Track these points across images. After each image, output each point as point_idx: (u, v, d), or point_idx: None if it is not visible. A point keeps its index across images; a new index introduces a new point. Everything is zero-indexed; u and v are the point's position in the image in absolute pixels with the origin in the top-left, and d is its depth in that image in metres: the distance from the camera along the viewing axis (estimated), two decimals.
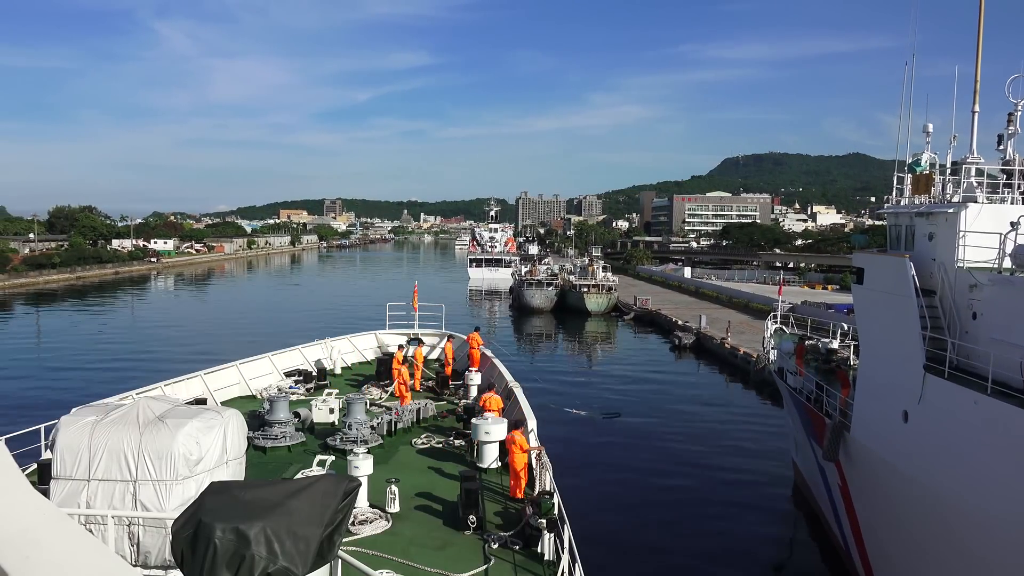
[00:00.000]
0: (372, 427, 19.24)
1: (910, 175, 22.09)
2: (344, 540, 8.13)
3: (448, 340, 28.68)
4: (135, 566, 10.94)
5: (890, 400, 18.81)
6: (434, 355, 30.07)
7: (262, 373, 25.17)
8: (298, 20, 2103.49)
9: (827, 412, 23.35)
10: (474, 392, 23.66)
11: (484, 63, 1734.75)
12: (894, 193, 22.81)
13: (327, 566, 5.78)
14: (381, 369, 26.31)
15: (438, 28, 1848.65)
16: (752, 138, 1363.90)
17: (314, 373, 26.17)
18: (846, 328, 32.37)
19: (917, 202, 21.30)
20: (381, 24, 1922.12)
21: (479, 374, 24.54)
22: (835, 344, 31.06)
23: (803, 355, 28.77)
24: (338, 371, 27.81)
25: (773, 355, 33.06)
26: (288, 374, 25.89)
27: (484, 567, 12.20)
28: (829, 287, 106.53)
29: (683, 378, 53.26)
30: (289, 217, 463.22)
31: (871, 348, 21.06)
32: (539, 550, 12.71)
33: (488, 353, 26.76)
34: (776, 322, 36.67)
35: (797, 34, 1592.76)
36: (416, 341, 30.72)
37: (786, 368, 29.80)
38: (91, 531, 10.43)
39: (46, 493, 11.19)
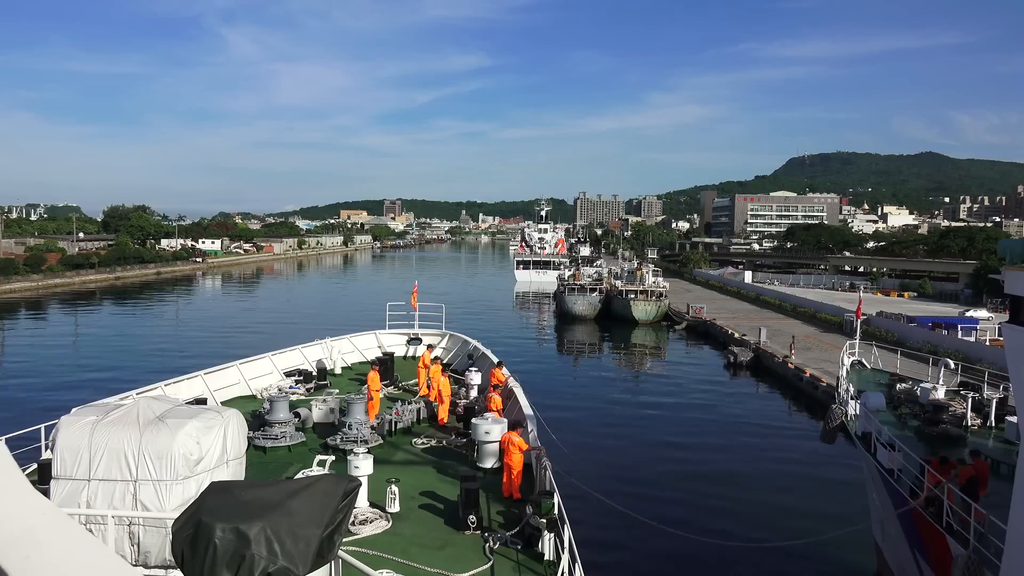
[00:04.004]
0: (372, 427, 19.25)
1: None
2: (344, 540, 8.13)
3: (428, 349, 28.18)
4: (135, 566, 10.94)
5: None
6: (435, 353, 30.07)
7: (262, 373, 25.17)
8: (359, 24, 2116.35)
9: (948, 524, 15.27)
10: (474, 393, 23.61)
11: (542, 64, 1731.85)
12: None
13: (327, 566, 5.78)
14: (381, 369, 26.32)
15: (496, 30, 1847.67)
16: (818, 137, 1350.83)
17: (314, 373, 26.18)
18: (952, 364, 25.38)
19: None
20: (440, 27, 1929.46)
21: (479, 374, 24.47)
22: (940, 391, 22.94)
23: (944, 469, 16.77)
24: (338, 371, 27.81)
25: (853, 407, 23.32)
26: (288, 374, 25.89)
27: (484, 567, 12.19)
28: (906, 295, 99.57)
29: (735, 401, 46.57)
30: (349, 217, 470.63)
31: None
32: (539, 550, 12.71)
33: (512, 383, 22.83)
34: (854, 352, 27.82)
35: (862, 31, 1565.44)
36: (416, 341, 30.77)
37: (874, 433, 20.70)
38: (91, 531, 10.43)
39: (46, 493, 11.19)
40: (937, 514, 15.75)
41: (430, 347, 27.39)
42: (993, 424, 21.97)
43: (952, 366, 25.62)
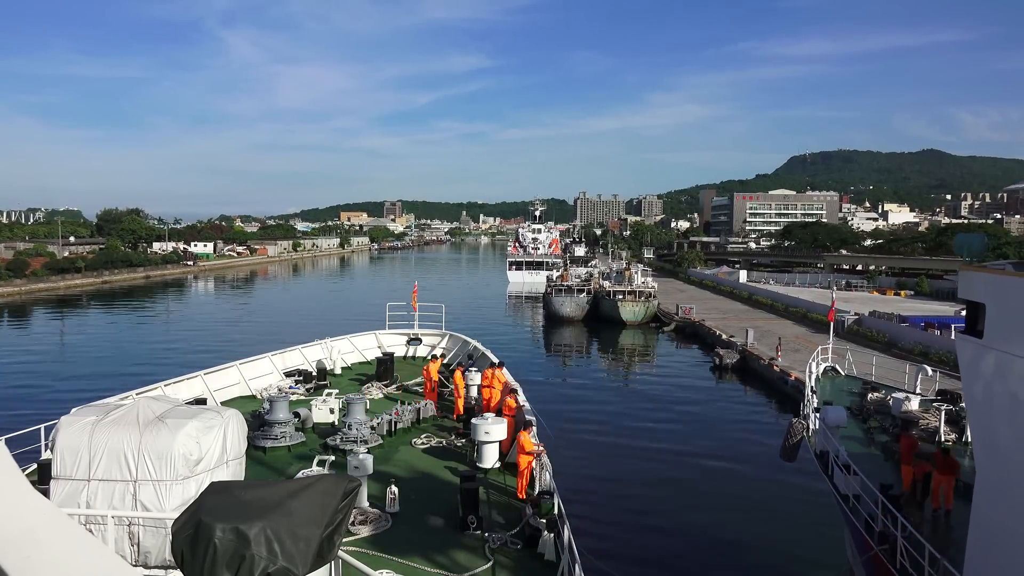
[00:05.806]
0: (372, 427, 19.26)
1: None
2: (344, 540, 8.13)
3: (441, 358, 28.02)
4: (135, 566, 10.94)
5: None
6: (436, 353, 30.08)
7: (262, 373, 25.17)
8: (359, 26, 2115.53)
9: (902, 563, 13.77)
10: (474, 392, 23.55)
11: (542, 65, 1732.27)
12: None
13: (327, 566, 5.78)
14: (381, 369, 26.37)
15: (495, 31, 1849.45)
16: (820, 135, 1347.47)
17: (314, 373, 26.18)
18: (930, 372, 22.95)
19: None
20: (439, 28, 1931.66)
21: (479, 374, 24.38)
22: (914, 403, 20.66)
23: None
24: (338, 371, 27.82)
25: (814, 421, 20.50)
26: (288, 374, 25.90)
27: (484, 567, 12.20)
28: (902, 293, 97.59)
29: (720, 406, 44.99)
30: (349, 219, 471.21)
31: (1007, 460, 11.07)
32: (539, 550, 12.72)
33: (512, 384, 22.65)
34: (827, 357, 25.02)
35: (862, 29, 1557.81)
36: (416, 341, 30.79)
37: (831, 453, 18.15)
38: (91, 531, 10.43)
39: (46, 493, 11.19)
40: (892, 552, 14.02)
41: (437, 357, 27.01)
42: (969, 439, 18.95)
43: (929, 371, 22.98)
